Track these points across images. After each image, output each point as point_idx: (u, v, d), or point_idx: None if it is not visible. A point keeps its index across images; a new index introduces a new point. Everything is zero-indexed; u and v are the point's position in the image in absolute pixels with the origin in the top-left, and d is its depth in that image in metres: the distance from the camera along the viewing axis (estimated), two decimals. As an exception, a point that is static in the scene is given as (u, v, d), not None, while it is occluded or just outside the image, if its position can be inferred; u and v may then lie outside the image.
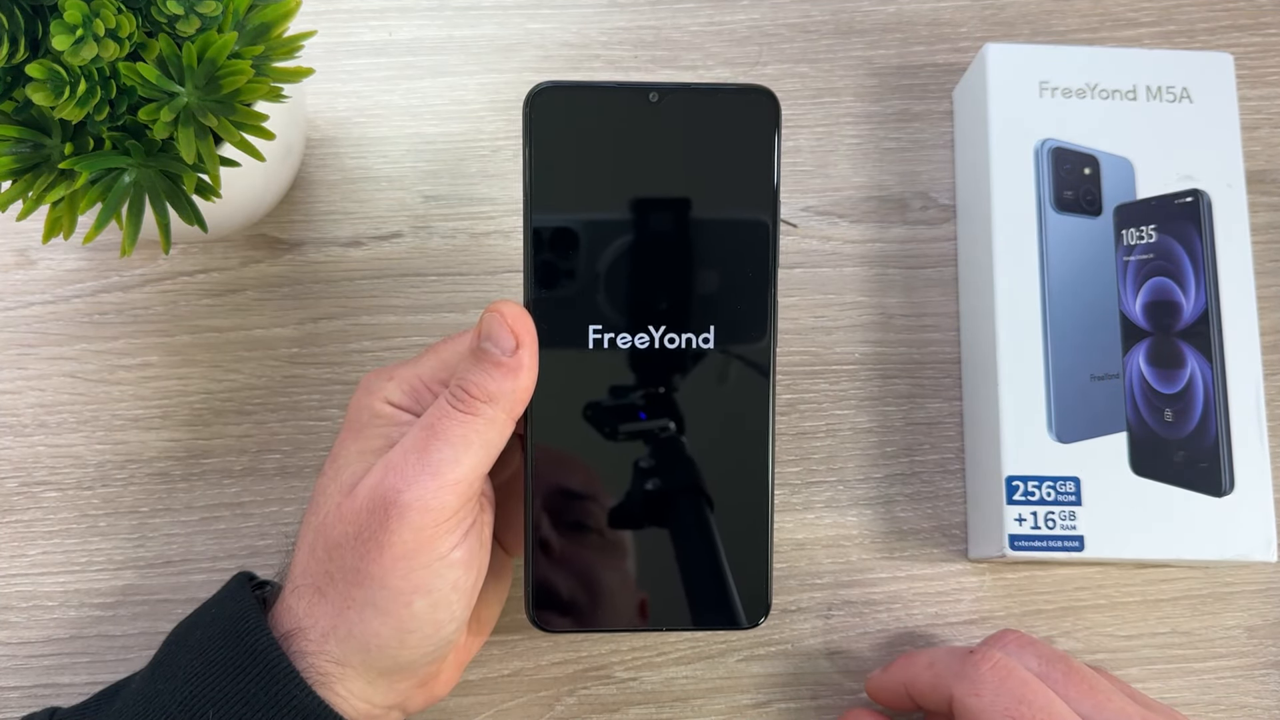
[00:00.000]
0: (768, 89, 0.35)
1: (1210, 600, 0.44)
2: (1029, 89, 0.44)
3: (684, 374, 0.35)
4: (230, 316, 0.45)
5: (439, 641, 0.33)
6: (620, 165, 0.35)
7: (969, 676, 0.34)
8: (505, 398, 0.33)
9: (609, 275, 0.35)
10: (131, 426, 0.44)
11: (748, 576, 0.36)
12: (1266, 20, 0.50)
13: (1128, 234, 0.43)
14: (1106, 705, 0.35)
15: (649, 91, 0.35)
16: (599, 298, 0.35)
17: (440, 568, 0.32)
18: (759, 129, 0.35)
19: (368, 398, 0.36)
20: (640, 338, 0.35)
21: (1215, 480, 0.41)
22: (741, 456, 0.36)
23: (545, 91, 0.34)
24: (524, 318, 0.34)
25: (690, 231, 0.35)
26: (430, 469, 0.32)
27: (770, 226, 0.35)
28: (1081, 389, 0.42)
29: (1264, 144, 0.48)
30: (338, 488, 0.34)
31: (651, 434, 0.36)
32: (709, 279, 0.35)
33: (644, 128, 0.35)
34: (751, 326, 0.35)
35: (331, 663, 0.33)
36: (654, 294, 0.35)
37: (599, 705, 0.42)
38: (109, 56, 0.32)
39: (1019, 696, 0.33)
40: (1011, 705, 0.33)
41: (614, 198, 0.35)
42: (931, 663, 0.37)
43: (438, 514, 0.32)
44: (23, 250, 0.45)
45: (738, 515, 0.36)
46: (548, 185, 0.35)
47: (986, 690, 0.34)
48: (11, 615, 0.43)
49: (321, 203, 0.46)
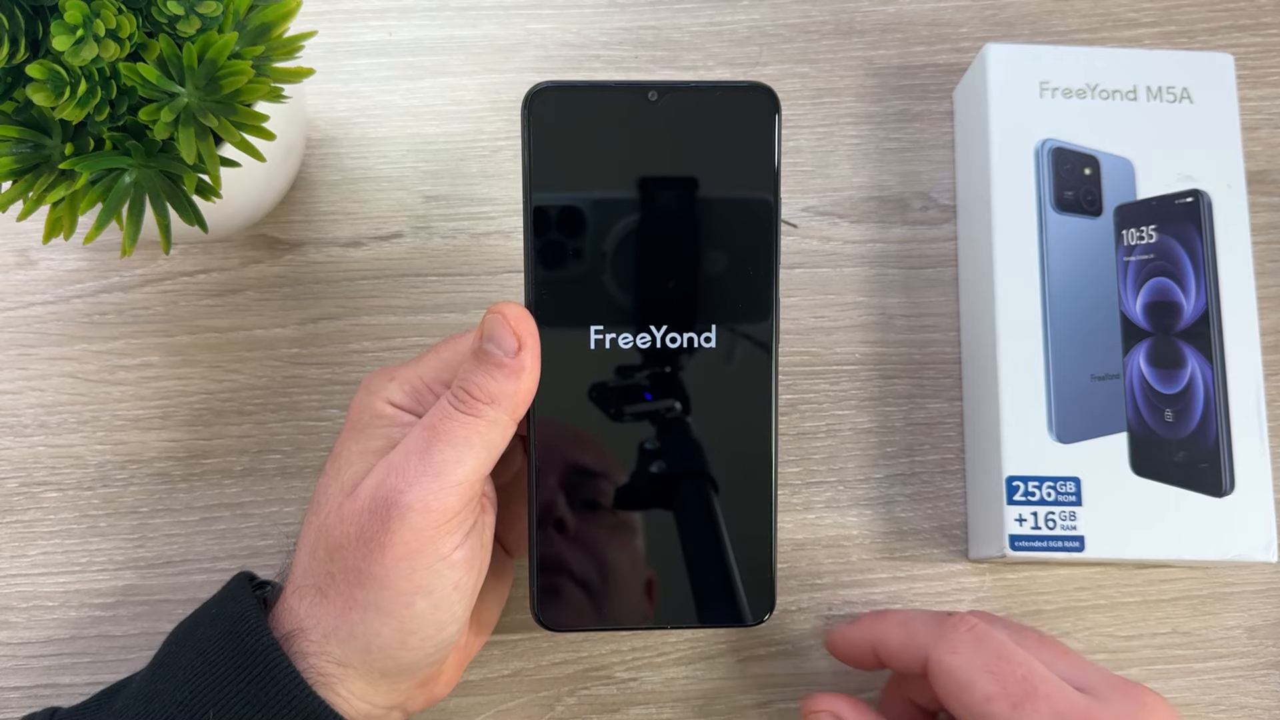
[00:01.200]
0: (767, 86, 0.35)
1: (1210, 600, 0.44)
2: (1029, 89, 0.44)
3: (686, 373, 0.35)
4: (230, 316, 0.45)
5: (440, 642, 0.33)
6: (620, 165, 0.35)
7: (947, 636, 0.34)
8: (507, 399, 0.33)
9: (610, 275, 0.35)
10: (131, 426, 0.44)
11: (752, 574, 0.36)
12: (1266, 20, 0.50)
13: (1128, 234, 0.43)
14: (1080, 665, 0.35)
15: (648, 90, 0.35)
16: (600, 298, 0.35)
17: (442, 568, 0.32)
18: (759, 126, 0.35)
19: (369, 398, 0.35)
20: (642, 337, 0.35)
21: (1215, 480, 0.41)
22: (745, 455, 0.36)
23: (543, 92, 0.34)
24: (526, 319, 0.34)
25: (691, 230, 0.35)
26: (432, 470, 0.32)
27: (772, 224, 0.35)
28: (1082, 389, 0.42)
29: (1264, 144, 0.48)
30: (339, 488, 0.34)
31: (654, 433, 0.36)
32: (711, 278, 0.35)
33: (643, 127, 0.35)
34: (754, 325, 0.35)
35: (332, 663, 0.33)
36: (656, 293, 0.35)
37: (599, 705, 0.42)
38: (109, 57, 0.32)
39: (998, 654, 0.33)
40: (990, 662, 0.33)
41: (614, 198, 0.35)
42: (905, 622, 0.36)
43: (439, 515, 0.32)
44: (23, 250, 0.45)
45: (742, 512, 0.36)
46: (547, 186, 0.35)
47: (964, 648, 0.33)
48: (11, 615, 0.43)
49: (321, 203, 0.46)
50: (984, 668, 0.33)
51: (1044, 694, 0.32)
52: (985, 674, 0.33)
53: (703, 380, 0.36)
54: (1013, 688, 0.32)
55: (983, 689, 0.33)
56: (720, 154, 0.35)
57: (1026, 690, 0.32)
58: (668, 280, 0.35)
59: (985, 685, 0.33)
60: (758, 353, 0.36)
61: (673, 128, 0.35)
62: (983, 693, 0.33)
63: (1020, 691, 0.32)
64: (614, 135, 0.35)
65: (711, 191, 0.35)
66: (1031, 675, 0.33)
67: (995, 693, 0.32)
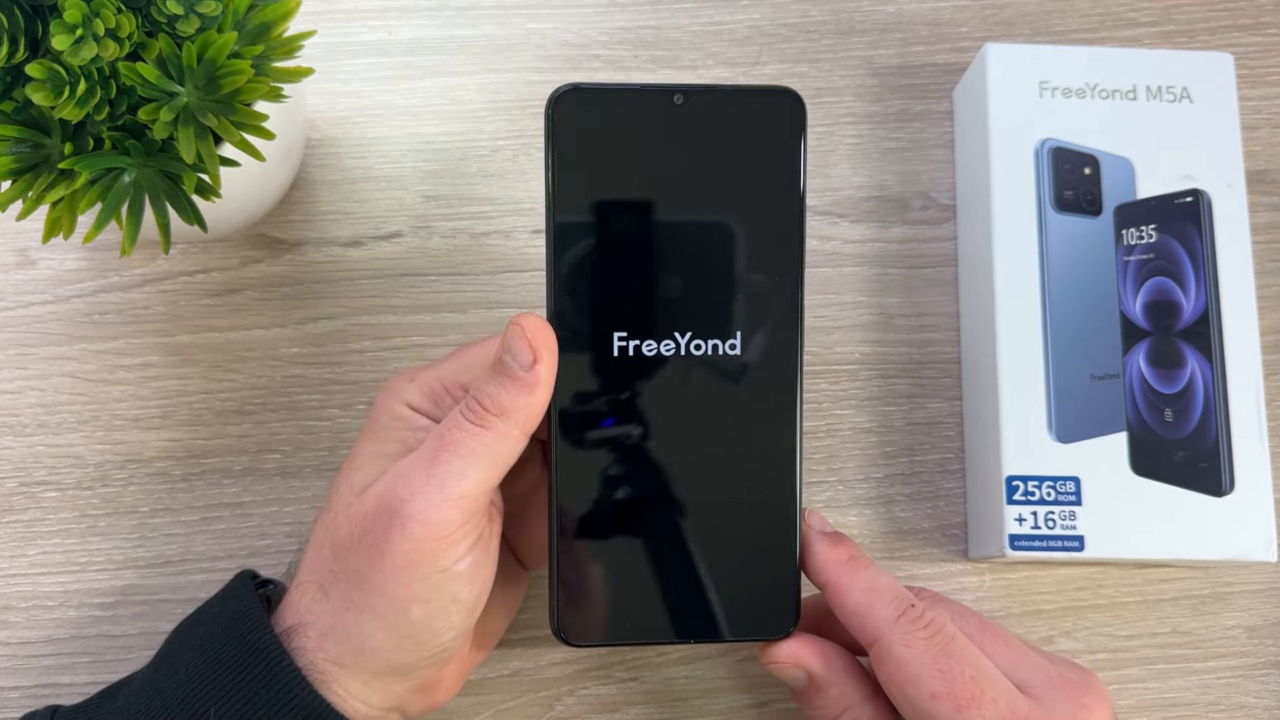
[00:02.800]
0: (793, 90, 0.34)
1: (1210, 600, 0.44)
2: (1029, 89, 0.44)
3: (711, 381, 0.35)
4: (230, 316, 0.45)
5: (436, 648, 0.33)
6: (645, 169, 0.34)
7: (902, 627, 0.33)
8: (518, 413, 0.32)
9: (633, 281, 0.34)
10: (131, 426, 0.44)
11: (777, 585, 0.35)
12: (1266, 20, 0.50)
13: (1128, 234, 0.43)
14: (1022, 660, 0.35)
15: (674, 93, 0.34)
16: (623, 304, 0.34)
17: (441, 580, 0.32)
18: (785, 131, 0.34)
19: (388, 399, 0.35)
20: (666, 344, 0.34)
21: (1215, 480, 0.41)
22: (770, 463, 0.35)
23: (567, 94, 0.34)
24: (545, 332, 0.33)
25: (716, 236, 0.35)
26: (436, 481, 0.32)
27: (798, 229, 0.35)
28: (1082, 389, 0.42)
29: (1264, 144, 0.48)
30: (349, 488, 0.34)
31: (679, 442, 0.35)
32: (736, 284, 0.35)
33: (668, 130, 0.34)
34: (780, 331, 0.35)
35: (329, 661, 0.33)
36: (680, 300, 0.35)
37: (599, 705, 0.42)
38: (109, 56, 0.32)
39: (949, 652, 0.33)
40: (941, 660, 0.32)
41: (638, 202, 0.34)
42: (870, 590, 0.34)
43: (439, 529, 0.32)
44: (23, 250, 0.45)
45: (767, 523, 0.35)
46: (571, 190, 0.34)
47: (918, 644, 0.33)
48: (11, 615, 0.43)
49: (321, 203, 0.46)
50: (933, 665, 0.32)
51: (990, 698, 0.32)
52: (934, 671, 0.32)
53: (727, 388, 0.35)
54: (960, 689, 0.32)
55: (930, 686, 0.32)
56: (746, 158, 0.34)
57: (974, 694, 0.32)
58: (692, 285, 0.35)
59: (933, 683, 0.32)
60: (783, 360, 0.35)
61: (698, 131, 0.34)
62: (929, 690, 0.32)
63: (967, 695, 0.32)
64: (638, 139, 0.34)
65: (737, 195, 0.34)
66: (980, 678, 0.32)
67: (942, 692, 0.32)
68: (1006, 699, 0.32)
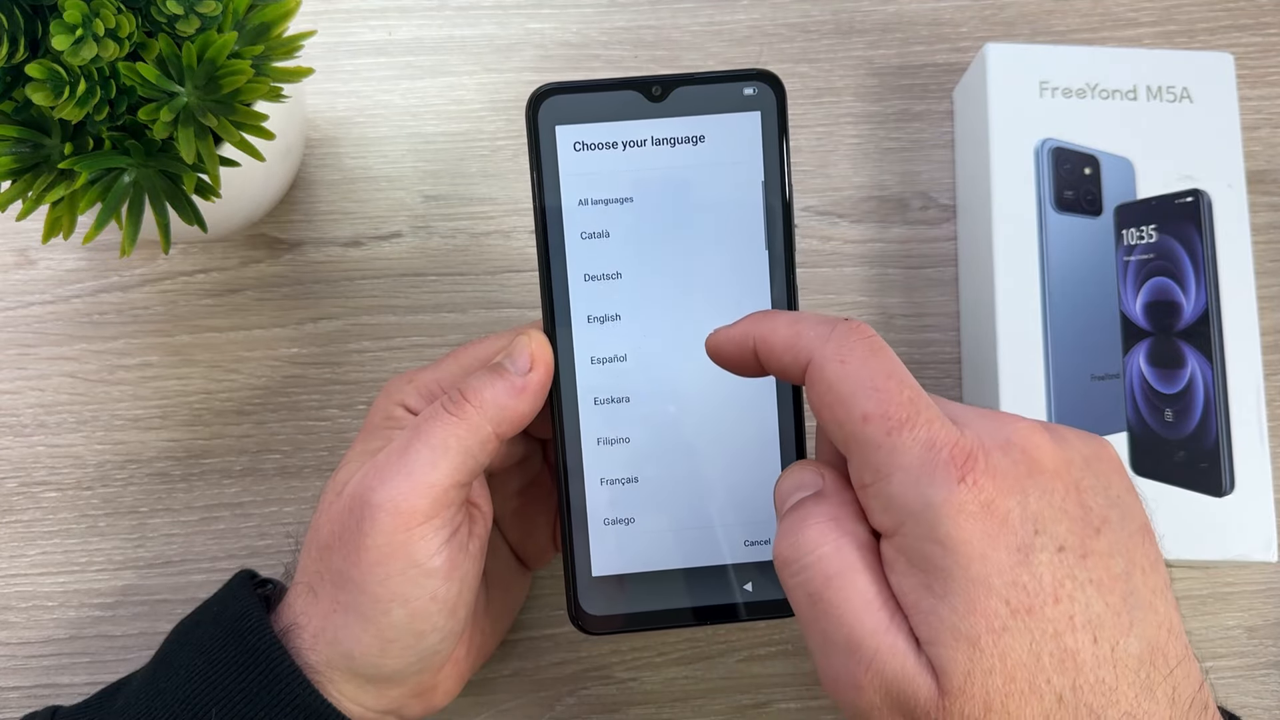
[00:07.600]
0: (771, 72, 0.35)
1: (1210, 600, 0.44)
2: (1029, 89, 0.44)
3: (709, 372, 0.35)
4: (230, 316, 0.45)
5: (421, 652, 0.33)
6: (629, 162, 0.35)
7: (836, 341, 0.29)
8: (497, 410, 0.33)
9: (627, 275, 0.35)
10: (131, 426, 0.44)
11: None
12: (1267, 20, 0.50)
13: (1128, 234, 0.43)
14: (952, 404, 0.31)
15: (651, 85, 0.34)
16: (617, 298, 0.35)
17: (416, 575, 0.32)
18: (766, 113, 0.35)
19: (384, 400, 0.36)
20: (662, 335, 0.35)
21: (1215, 480, 0.41)
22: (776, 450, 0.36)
23: (546, 94, 0.34)
24: (546, 350, 0.34)
25: (706, 224, 0.35)
26: (405, 469, 0.32)
27: (786, 211, 0.35)
28: (1082, 389, 0.42)
29: (1264, 144, 0.48)
30: (332, 487, 0.34)
31: (681, 434, 0.35)
32: (727, 269, 0.35)
33: (650, 122, 0.34)
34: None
35: (324, 664, 0.33)
36: (674, 292, 0.35)
37: (599, 705, 0.42)
38: (109, 56, 0.32)
39: (887, 372, 0.29)
40: (879, 379, 0.28)
41: (625, 196, 0.35)
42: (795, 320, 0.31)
43: (408, 517, 0.31)
44: (23, 250, 0.45)
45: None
46: (558, 192, 0.34)
47: (854, 359, 0.29)
48: (11, 615, 0.43)
49: (321, 203, 0.46)
50: (869, 384, 0.28)
51: (924, 420, 0.28)
52: (869, 390, 0.28)
53: (727, 380, 0.35)
54: (895, 410, 0.28)
55: (862, 407, 0.28)
56: (729, 144, 0.35)
57: (908, 415, 0.28)
58: (687, 275, 0.35)
59: (865, 403, 0.28)
60: None
61: (679, 120, 0.34)
62: (861, 411, 0.28)
63: (901, 416, 0.28)
64: (621, 132, 0.35)
65: (722, 183, 0.35)
66: (918, 400, 0.28)
67: (874, 413, 0.28)
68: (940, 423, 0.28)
